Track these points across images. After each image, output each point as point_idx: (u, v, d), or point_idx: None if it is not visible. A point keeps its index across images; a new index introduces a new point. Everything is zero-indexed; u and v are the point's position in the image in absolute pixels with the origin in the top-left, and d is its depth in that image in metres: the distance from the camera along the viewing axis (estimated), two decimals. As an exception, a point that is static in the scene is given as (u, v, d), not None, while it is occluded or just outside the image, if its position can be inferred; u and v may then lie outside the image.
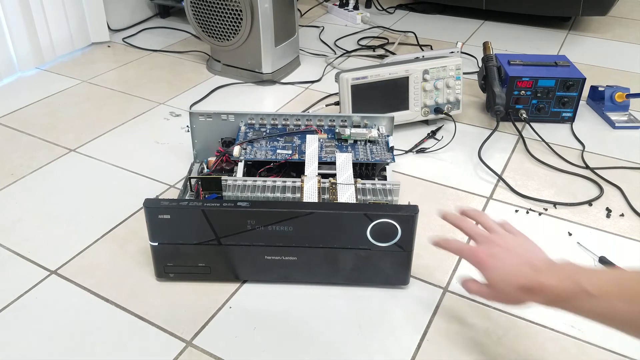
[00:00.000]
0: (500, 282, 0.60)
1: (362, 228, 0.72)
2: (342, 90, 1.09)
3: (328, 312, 0.74)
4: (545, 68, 1.21)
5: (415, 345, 0.70)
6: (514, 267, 0.59)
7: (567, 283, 0.55)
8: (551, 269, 0.58)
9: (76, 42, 1.56)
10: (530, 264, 0.59)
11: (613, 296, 0.52)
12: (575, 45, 1.68)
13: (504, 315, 0.74)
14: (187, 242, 0.73)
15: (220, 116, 0.96)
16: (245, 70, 1.40)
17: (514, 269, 0.59)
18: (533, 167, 1.07)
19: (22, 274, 0.80)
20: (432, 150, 1.11)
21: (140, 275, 0.80)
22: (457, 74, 1.16)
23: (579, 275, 0.55)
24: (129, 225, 0.90)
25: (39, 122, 1.21)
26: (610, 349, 0.70)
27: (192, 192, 0.89)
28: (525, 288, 0.58)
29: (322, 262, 0.75)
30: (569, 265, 0.58)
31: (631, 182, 1.02)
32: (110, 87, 1.38)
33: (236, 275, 0.78)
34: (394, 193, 0.80)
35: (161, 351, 0.68)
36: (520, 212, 0.94)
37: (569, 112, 1.21)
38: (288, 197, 0.79)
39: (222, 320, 0.73)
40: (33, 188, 0.99)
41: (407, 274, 0.77)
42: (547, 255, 0.62)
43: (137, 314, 0.74)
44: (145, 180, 1.02)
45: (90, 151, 1.10)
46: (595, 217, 0.93)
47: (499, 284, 0.60)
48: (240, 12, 1.31)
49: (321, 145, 0.92)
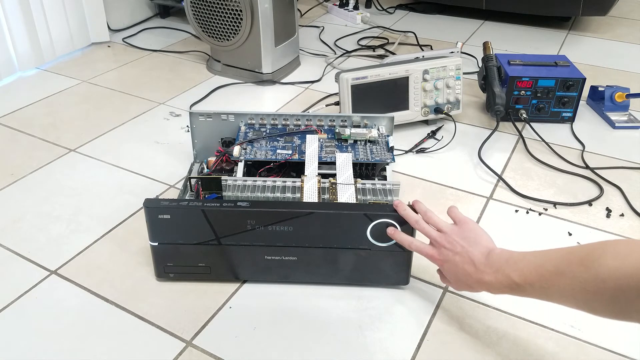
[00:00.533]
0: (455, 281, 0.69)
1: (362, 228, 0.72)
2: (342, 90, 1.09)
3: (328, 312, 0.74)
4: (545, 68, 1.21)
5: (415, 345, 0.70)
6: (460, 268, 0.67)
7: (499, 276, 0.62)
8: (487, 263, 0.64)
9: (76, 42, 1.56)
10: (472, 263, 0.66)
11: (535, 284, 0.59)
12: (575, 45, 1.68)
13: (504, 315, 0.74)
14: (187, 242, 0.73)
15: (220, 116, 0.96)
16: (245, 70, 1.40)
17: (461, 270, 0.67)
18: (533, 167, 1.07)
19: (22, 274, 0.80)
20: (432, 150, 1.11)
21: (140, 275, 0.80)
22: (457, 74, 1.16)
23: (507, 267, 0.62)
24: (129, 225, 0.90)
25: (39, 122, 1.21)
26: (610, 349, 0.70)
27: (192, 192, 0.89)
28: (472, 285, 0.67)
29: (322, 262, 0.75)
30: (501, 257, 0.64)
31: (631, 182, 1.02)
32: (110, 87, 1.38)
33: (236, 275, 0.78)
34: (394, 193, 0.80)
35: (161, 351, 0.68)
36: (520, 212, 0.94)
37: (569, 112, 1.21)
38: (288, 197, 0.79)
39: (222, 320, 0.73)
40: (33, 188, 0.99)
41: (407, 274, 0.77)
42: (488, 242, 0.67)
43: (137, 314, 0.74)
44: (145, 180, 1.02)
45: (90, 151, 1.10)
46: (595, 217, 0.93)
47: (455, 283, 0.70)
48: (240, 12, 1.31)
49: (321, 145, 0.92)
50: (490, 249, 0.66)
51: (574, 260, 0.55)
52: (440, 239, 0.69)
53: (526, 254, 0.62)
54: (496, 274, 0.63)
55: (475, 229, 0.69)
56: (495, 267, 0.63)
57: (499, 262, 0.63)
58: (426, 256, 0.71)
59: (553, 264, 0.58)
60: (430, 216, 0.72)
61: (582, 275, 0.54)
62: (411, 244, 0.71)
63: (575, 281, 0.55)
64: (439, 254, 0.69)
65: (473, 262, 0.65)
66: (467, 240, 0.68)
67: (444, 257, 0.69)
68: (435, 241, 0.70)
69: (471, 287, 0.67)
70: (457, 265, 0.67)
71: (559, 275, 0.56)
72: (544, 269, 0.58)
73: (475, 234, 0.68)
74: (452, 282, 0.70)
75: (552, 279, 0.57)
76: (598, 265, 0.53)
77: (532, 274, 0.59)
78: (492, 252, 0.65)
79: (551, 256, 0.59)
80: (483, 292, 0.66)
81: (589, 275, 0.53)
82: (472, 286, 0.67)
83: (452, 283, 0.71)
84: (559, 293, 0.57)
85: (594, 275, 0.53)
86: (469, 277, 0.66)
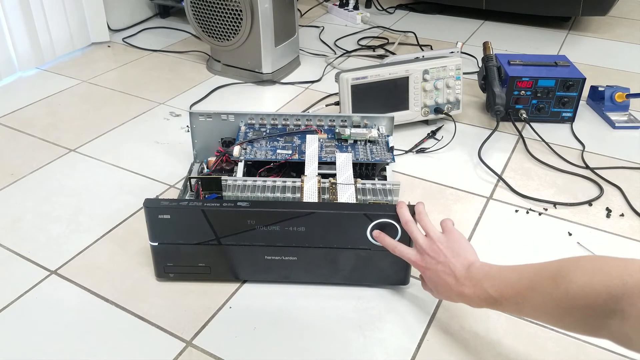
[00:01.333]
0: (435, 291, 0.70)
1: (362, 228, 0.72)
2: (342, 90, 1.09)
3: (328, 312, 0.74)
4: (545, 68, 1.21)
5: (415, 345, 0.70)
6: (441, 279, 0.67)
7: (477, 290, 0.62)
8: (468, 276, 0.64)
9: (76, 42, 1.56)
10: (454, 274, 0.65)
11: (511, 300, 0.59)
12: (575, 45, 1.68)
13: (504, 315, 0.74)
14: (187, 242, 0.73)
15: (220, 116, 0.96)
16: (245, 70, 1.40)
17: (442, 280, 0.67)
18: (533, 167, 1.07)
19: (22, 274, 0.80)
20: (432, 150, 1.11)
21: (140, 275, 0.80)
22: (457, 74, 1.16)
23: (485, 281, 0.62)
24: (129, 225, 0.90)
25: (39, 122, 1.21)
26: (610, 349, 0.70)
27: (192, 192, 0.89)
28: (452, 297, 0.67)
29: (322, 262, 0.75)
30: (480, 270, 0.64)
31: (631, 182, 1.02)
32: (110, 87, 1.38)
33: (236, 275, 0.78)
34: (394, 193, 0.80)
35: (161, 351, 0.68)
36: (520, 212, 0.94)
37: (569, 112, 1.21)
38: (288, 197, 0.79)
39: (222, 320, 0.73)
40: (33, 188, 0.99)
41: (407, 274, 0.77)
42: (471, 254, 0.67)
43: (137, 314, 0.74)
44: (145, 180, 1.02)
45: (90, 151, 1.10)
46: (595, 217, 0.93)
47: (435, 291, 0.70)
48: (240, 12, 1.31)
49: (321, 145, 0.92)
50: (472, 262, 0.65)
51: (546, 276, 0.55)
52: (425, 245, 0.69)
53: (503, 269, 0.62)
54: (474, 287, 0.63)
55: (460, 240, 0.69)
56: (475, 280, 0.63)
57: (478, 276, 0.63)
58: (409, 261, 0.70)
59: (527, 279, 0.58)
60: (422, 219, 0.71)
61: (554, 292, 0.54)
62: (395, 248, 0.71)
63: (547, 297, 0.54)
64: (422, 260, 0.69)
65: (454, 274, 0.65)
66: (451, 250, 0.67)
67: (427, 264, 0.68)
68: (420, 247, 0.69)
69: (450, 298, 0.67)
70: (438, 275, 0.67)
71: (532, 291, 0.56)
72: (519, 284, 0.58)
73: (460, 245, 0.68)
74: (432, 289, 0.70)
75: (526, 294, 0.57)
76: (567, 282, 0.52)
77: (508, 289, 0.59)
78: (473, 265, 0.65)
79: (526, 271, 0.59)
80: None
81: (560, 293, 0.53)
82: (451, 297, 0.67)
83: (431, 291, 0.71)
84: (533, 309, 0.57)
85: (564, 292, 0.53)
86: (449, 289, 0.66)
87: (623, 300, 0.48)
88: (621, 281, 0.49)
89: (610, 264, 0.51)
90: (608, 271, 0.50)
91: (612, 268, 0.50)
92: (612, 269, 0.50)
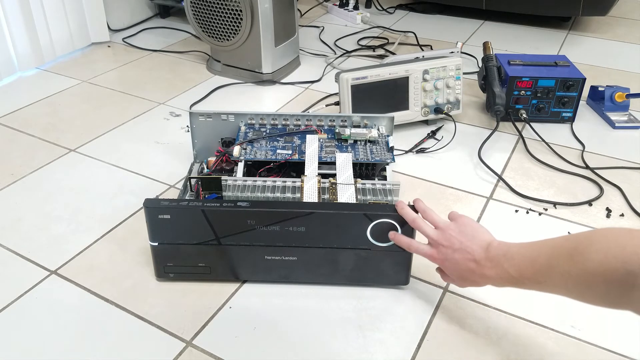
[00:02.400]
0: (458, 279, 0.69)
1: (362, 228, 0.72)
2: (342, 90, 1.09)
3: (328, 312, 0.74)
4: (545, 68, 1.21)
5: (415, 345, 0.70)
6: (462, 265, 0.66)
7: (499, 271, 0.62)
8: (487, 256, 0.64)
9: (76, 42, 1.56)
10: (473, 258, 0.65)
11: (531, 279, 0.59)
12: (575, 45, 1.68)
13: (504, 315, 0.74)
14: (187, 242, 0.73)
15: (220, 116, 0.96)
16: (245, 70, 1.40)
17: (463, 267, 0.66)
18: (533, 167, 1.07)
19: (22, 274, 0.80)
20: (432, 150, 1.11)
21: (140, 275, 0.80)
22: (457, 74, 1.16)
23: (505, 262, 0.62)
24: (129, 225, 0.90)
25: (39, 122, 1.21)
26: (610, 349, 0.70)
27: (192, 192, 0.89)
28: (477, 281, 0.66)
29: (322, 262, 0.75)
30: (499, 250, 0.63)
31: (631, 182, 1.02)
32: (110, 87, 1.38)
33: (236, 275, 0.78)
34: (394, 193, 0.80)
35: (161, 351, 0.68)
36: (520, 212, 0.94)
37: (569, 112, 1.21)
38: (288, 197, 0.79)
39: (222, 320, 0.73)
40: (33, 188, 0.99)
41: (407, 274, 0.77)
42: (486, 234, 0.67)
43: (137, 314, 0.74)
44: (145, 180, 1.02)
45: (90, 151, 1.10)
46: (595, 217, 0.93)
47: (459, 280, 0.69)
48: (240, 12, 1.31)
49: (321, 145, 0.92)
50: (489, 242, 0.65)
51: (564, 254, 0.55)
52: (437, 236, 0.68)
53: (522, 247, 0.61)
54: (496, 268, 0.62)
55: (470, 223, 0.68)
56: (495, 261, 0.63)
57: (498, 256, 0.63)
58: (425, 256, 0.70)
59: (545, 257, 0.58)
60: (428, 214, 0.71)
61: (572, 270, 0.54)
62: (410, 246, 0.71)
63: (566, 275, 0.55)
64: (438, 252, 0.69)
65: (474, 257, 0.65)
66: (464, 235, 0.67)
67: (443, 255, 0.68)
68: (433, 239, 0.69)
69: (476, 282, 0.66)
70: (457, 263, 0.66)
71: (551, 269, 0.57)
72: (537, 263, 0.58)
73: (472, 228, 0.68)
74: (455, 279, 0.69)
75: (546, 272, 0.57)
76: (584, 260, 0.53)
77: (527, 268, 0.59)
78: (491, 245, 0.64)
79: (544, 249, 0.59)
80: (482, 292, 0.66)
81: (578, 270, 0.53)
82: (476, 281, 0.66)
83: (455, 281, 0.70)
84: (554, 286, 0.57)
85: (583, 269, 0.53)
86: (472, 273, 0.65)
87: None
88: (637, 255, 0.49)
89: (625, 237, 0.51)
90: (623, 245, 0.50)
91: (627, 241, 0.51)
92: (627, 242, 0.50)
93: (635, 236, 0.51)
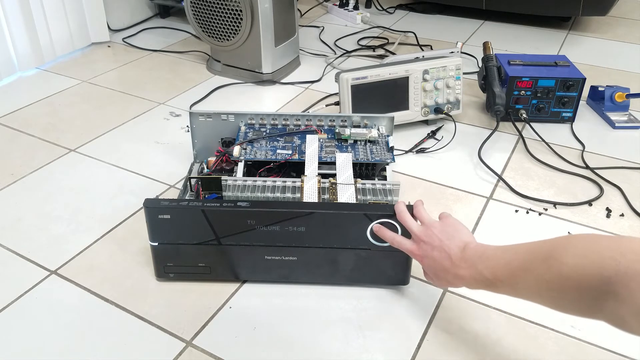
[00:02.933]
0: (434, 276, 0.69)
1: (362, 228, 0.72)
2: (342, 90, 1.09)
3: (328, 312, 0.74)
4: (545, 68, 1.21)
5: (415, 345, 0.70)
6: (438, 263, 0.66)
7: (472, 272, 0.62)
8: (463, 257, 0.63)
9: (76, 42, 1.56)
10: (449, 257, 0.65)
11: (505, 281, 0.58)
12: (575, 45, 1.68)
13: (504, 315, 0.74)
14: (187, 242, 0.73)
15: (220, 116, 0.96)
16: (245, 70, 1.40)
17: (439, 265, 0.66)
18: (533, 167, 1.07)
19: (22, 274, 0.80)
20: (432, 150, 1.11)
21: (140, 275, 0.80)
22: (457, 74, 1.16)
23: (479, 263, 0.61)
24: (129, 225, 0.90)
25: (39, 122, 1.21)
26: (610, 349, 0.70)
27: (192, 192, 0.89)
28: (451, 281, 0.66)
29: (322, 262, 0.75)
30: (475, 252, 0.63)
31: (631, 182, 1.02)
32: (110, 87, 1.38)
33: (236, 275, 0.78)
34: (394, 193, 0.80)
35: (161, 351, 0.68)
36: (520, 212, 0.94)
37: (569, 112, 1.21)
38: (288, 197, 0.79)
39: (222, 320, 0.73)
40: (33, 188, 0.99)
41: (407, 274, 0.77)
42: (467, 235, 0.66)
43: (137, 314, 0.74)
44: (145, 180, 1.02)
45: (90, 151, 1.10)
46: (595, 217, 0.93)
47: (435, 279, 0.69)
48: (240, 12, 1.31)
49: (321, 145, 0.92)
50: (466, 243, 0.64)
51: (539, 258, 0.54)
52: (419, 232, 0.68)
53: (498, 249, 0.61)
54: (470, 269, 0.62)
55: (454, 224, 0.68)
56: (470, 262, 0.62)
57: (473, 257, 0.62)
58: (406, 251, 0.70)
59: (520, 260, 0.57)
60: (417, 210, 0.71)
61: (546, 274, 0.53)
62: (393, 240, 0.71)
63: (540, 279, 0.53)
64: (419, 249, 0.68)
65: (450, 256, 0.64)
66: (445, 233, 0.66)
67: (423, 252, 0.68)
68: (415, 235, 0.69)
69: (450, 282, 0.66)
70: (435, 260, 0.66)
71: (525, 272, 0.55)
72: (512, 265, 0.57)
73: (454, 228, 0.67)
74: (432, 277, 0.69)
75: (520, 276, 0.56)
76: (559, 264, 0.51)
77: (502, 270, 0.58)
78: (468, 246, 0.64)
79: (520, 252, 0.58)
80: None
81: (552, 274, 0.52)
82: (450, 281, 0.66)
83: (432, 279, 0.70)
84: (527, 290, 0.56)
85: (557, 274, 0.51)
86: (446, 272, 0.65)
87: (616, 282, 0.47)
88: (613, 261, 0.47)
89: (603, 243, 0.50)
90: (600, 251, 0.49)
91: (603, 248, 0.49)
92: (603, 249, 0.49)
93: (613, 242, 0.50)
